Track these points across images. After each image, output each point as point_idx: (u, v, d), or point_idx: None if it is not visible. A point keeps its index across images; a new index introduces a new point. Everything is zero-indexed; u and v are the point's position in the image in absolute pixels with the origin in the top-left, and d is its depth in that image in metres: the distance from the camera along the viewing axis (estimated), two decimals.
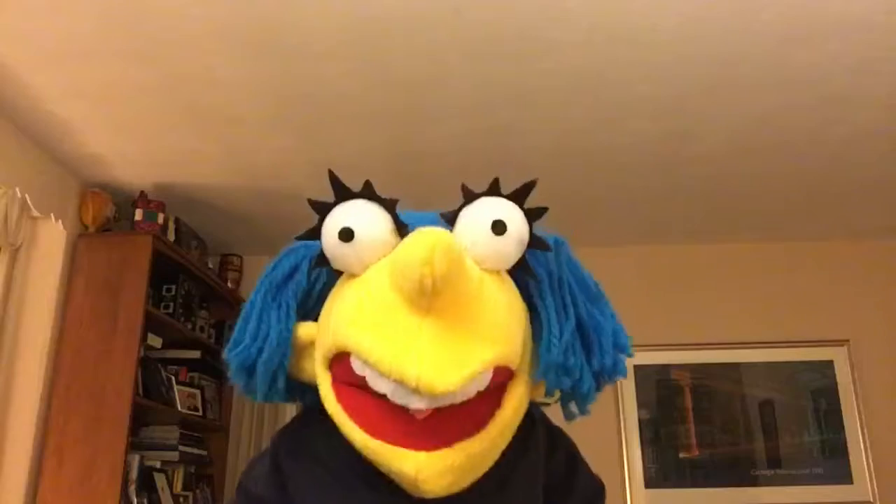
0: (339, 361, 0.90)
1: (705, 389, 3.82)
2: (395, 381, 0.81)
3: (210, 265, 3.81)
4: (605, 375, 0.95)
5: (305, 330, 0.97)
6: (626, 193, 3.42)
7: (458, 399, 0.83)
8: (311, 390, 0.98)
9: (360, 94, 2.59)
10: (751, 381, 3.81)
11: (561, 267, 0.97)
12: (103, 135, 2.87)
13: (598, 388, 0.96)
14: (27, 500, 2.78)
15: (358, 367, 0.87)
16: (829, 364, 3.80)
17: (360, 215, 0.92)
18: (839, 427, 3.71)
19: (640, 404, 3.78)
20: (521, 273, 0.94)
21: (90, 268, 3.11)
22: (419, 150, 2.97)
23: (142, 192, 3.29)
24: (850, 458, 3.66)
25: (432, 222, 0.92)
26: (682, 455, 3.73)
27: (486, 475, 0.91)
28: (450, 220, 0.93)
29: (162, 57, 2.37)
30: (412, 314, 0.82)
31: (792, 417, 3.76)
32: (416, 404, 0.82)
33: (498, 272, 0.92)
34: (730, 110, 2.72)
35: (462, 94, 2.60)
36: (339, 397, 0.91)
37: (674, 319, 3.85)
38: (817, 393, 3.78)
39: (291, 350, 0.96)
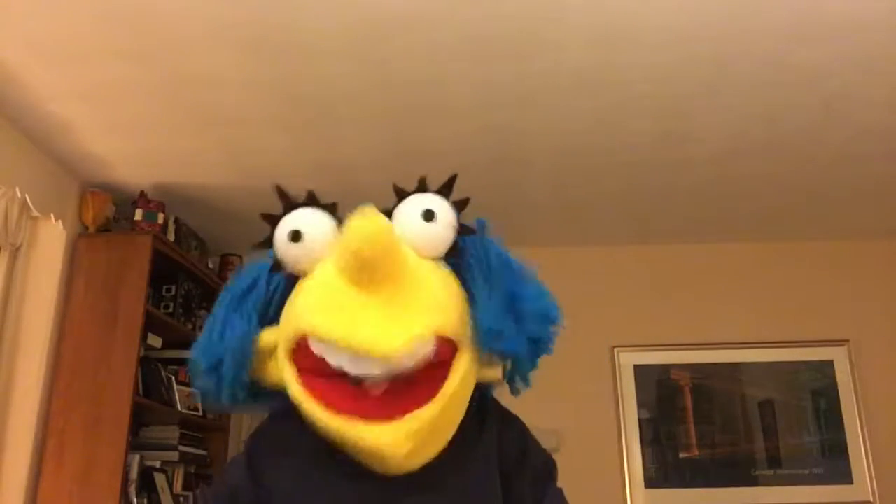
0: (300, 350, 0.98)
1: (705, 389, 3.81)
2: (348, 350, 0.90)
3: (210, 265, 3.81)
4: (540, 344, 1.04)
5: (267, 335, 1.04)
6: (627, 193, 3.42)
7: (407, 363, 0.92)
8: (278, 395, 1.04)
9: (360, 94, 2.59)
10: (751, 381, 3.81)
11: (487, 251, 1.06)
12: (103, 135, 2.87)
13: (536, 356, 1.05)
14: (27, 500, 2.78)
15: (316, 347, 0.95)
16: (829, 364, 3.79)
17: (306, 219, 1.02)
18: (839, 427, 3.70)
19: (640, 404, 3.78)
20: (454, 260, 1.04)
21: (90, 268, 3.11)
22: (419, 150, 2.97)
23: (142, 192, 3.29)
24: (850, 458, 3.66)
25: None
26: (682, 455, 3.73)
27: (446, 455, 1.00)
28: (386, 216, 1.00)
29: (162, 57, 2.37)
30: (359, 294, 0.91)
31: (792, 417, 3.76)
32: (371, 370, 0.91)
33: (434, 260, 1.02)
34: (730, 110, 2.72)
35: (462, 93, 2.60)
36: (302, 383, 0.98)
37: (674, 319, 3.85)
38: (817, 393, 3.78)
39: (254, 354, 1.03)
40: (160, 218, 3.28)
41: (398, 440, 0.92)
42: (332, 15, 2.17)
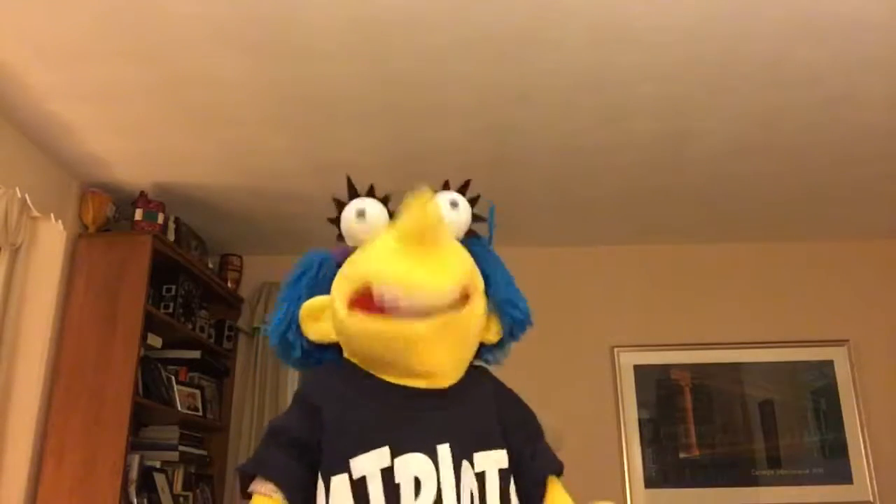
0: (360, 299, 1.27)
1: (705, 389, 3.81)
2: (406, 288, 1.20)
3: (210, 265, 3.81)
4: (518, 323, 1.38)
5: (316, 301, 1.35)
6: (626, 193, 3.42)
7: (444, 302, 1.23)
8: (328, 350, 1.36)
9: (360, 94, 2.59)
10: (751, 381, 3.81)
11: (488, 249, 1.43)
12: (103, 135, 2.87)
13: (513, 334, 1.40)
14: (27, 500, 2.78)
15: (378, 290, 1.23)
16: (829, 364, 3.79)
17: (367, 203, 1.37)
18: (839, 427, 3.70)
19: (640, 404, 3.78)
20: (465, 241, 1.38)
21: (90, 268, 3.11)
22: (419, 150, 2.97)
23: (142, 192, 3.29)
24: (850, 458, 3.66)
25: None
26: (682, 455, 3.73)
27: (460, 387, 1.31)
28: None
29: (162, 57, 2.37)
30: (412, 254, 1.22)
31: (792, 417, 3.76)
32: (421, 302, 1.21)
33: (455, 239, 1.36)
34: (730, 110, 2.72)
35: (462, 93, 2.60)
36: (360, 311, 1.28)
37: (674, 319, 3.85)
38: (817, 393, 3.78)
39: (303, 318, 1.36)
40: (160, 218, 3.28)
41: (434, 326, 1.23)
42: (332, 15, 2.17)
